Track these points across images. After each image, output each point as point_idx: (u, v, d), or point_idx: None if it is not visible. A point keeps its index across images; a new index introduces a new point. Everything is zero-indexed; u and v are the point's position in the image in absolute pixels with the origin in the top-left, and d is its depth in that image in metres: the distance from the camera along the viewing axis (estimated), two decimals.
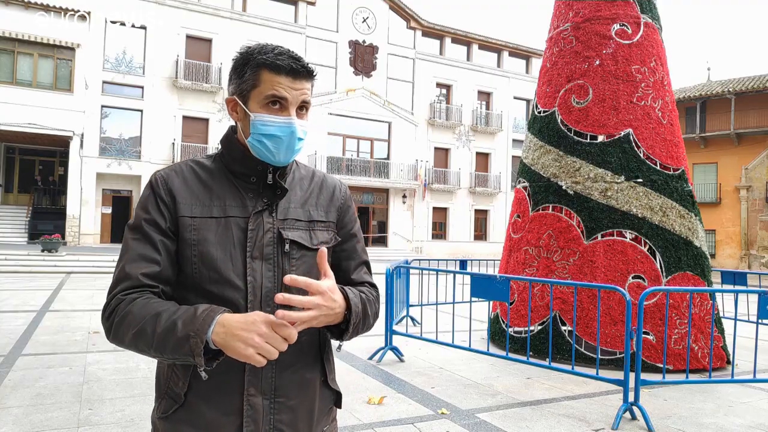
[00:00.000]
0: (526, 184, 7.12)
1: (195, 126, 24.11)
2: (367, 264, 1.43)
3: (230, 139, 1.29)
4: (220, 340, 1.04)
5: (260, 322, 1.04)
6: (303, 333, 1.24)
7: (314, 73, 1.26)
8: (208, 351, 1.06)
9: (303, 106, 1.25)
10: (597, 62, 6.70)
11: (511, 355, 5.59)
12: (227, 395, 1.19)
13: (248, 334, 1.02)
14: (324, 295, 1.10)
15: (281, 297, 1.06)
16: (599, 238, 6.23)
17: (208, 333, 1.04)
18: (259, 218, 1.24)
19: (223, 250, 1.20)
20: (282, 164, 1.26)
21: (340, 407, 1.40)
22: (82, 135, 21.79)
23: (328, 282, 1.13)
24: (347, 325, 1.20)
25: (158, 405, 1.24)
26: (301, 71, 1.21)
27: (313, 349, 1.29)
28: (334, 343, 1.30)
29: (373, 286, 1.40)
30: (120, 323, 1.12)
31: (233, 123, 1.32)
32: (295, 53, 1.22)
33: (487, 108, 31.90)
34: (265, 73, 1.20)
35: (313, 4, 26.93)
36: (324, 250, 1.16)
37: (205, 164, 1.29)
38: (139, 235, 1.19)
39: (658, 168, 6.38)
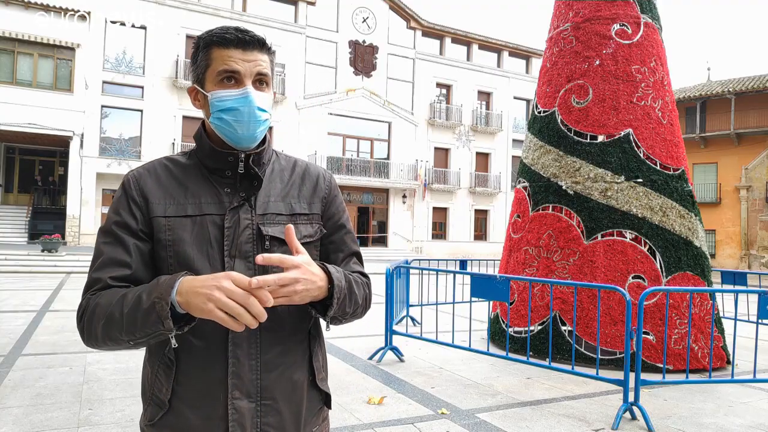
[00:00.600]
0: (526, 184, 7.12)
1: (195, 126, 23.76)
2: (357, 255, 1.36)
3: (200, 134, 1.25)
4: (182, 300, 1.00)
5: (222, 277, 0.99)
6: (289, 332, 1.22)
7: (267, 44, 1.22)
8: (179, 319, 1.03)
9: (262, 80, 1.20)
10: (597, 62, 6.70)
11: (511, 355, 5.59)
12: (212, 399, 1.15)
13: (208, 290, 0.98)
14: (300, 267, 1.06)
15: (261, 258, 1.03)
16: (599, 238, 6.23)
17: (172, 294, 1.01)
18: (236, 214, 1.19)
19: (200, 249, 1.16)
20: (248, 142, 1.20)
21: (330, 408, 1.37)
22: (82, 135, 21.78)
23: (303, 256, 1.09)
24: (331, 300, 1.15)
25: (145, 412, 1.22)
26: (250, 41, 1.18)
27: (300, 348, 1.25)
28: (323, 323, 1.25)
29: (364, 275, 1.33)
30: (91, 318, 1.10)
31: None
32: (243, 28, 1.20)
33: (487, 108, 31.90)
34: (215, 51, 1.18)
35: (313, 4, 26.93)
36: (290, 225, 1.12)
37: (179, 161, 1.25)
38: (110, 239, 1.17)
39: (658, 168, 6.38)
